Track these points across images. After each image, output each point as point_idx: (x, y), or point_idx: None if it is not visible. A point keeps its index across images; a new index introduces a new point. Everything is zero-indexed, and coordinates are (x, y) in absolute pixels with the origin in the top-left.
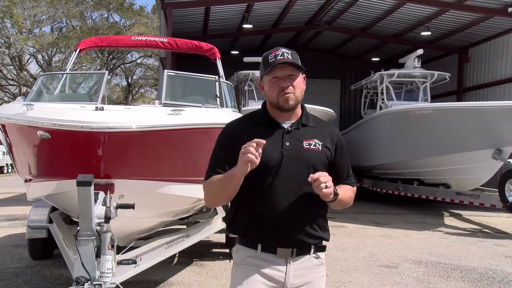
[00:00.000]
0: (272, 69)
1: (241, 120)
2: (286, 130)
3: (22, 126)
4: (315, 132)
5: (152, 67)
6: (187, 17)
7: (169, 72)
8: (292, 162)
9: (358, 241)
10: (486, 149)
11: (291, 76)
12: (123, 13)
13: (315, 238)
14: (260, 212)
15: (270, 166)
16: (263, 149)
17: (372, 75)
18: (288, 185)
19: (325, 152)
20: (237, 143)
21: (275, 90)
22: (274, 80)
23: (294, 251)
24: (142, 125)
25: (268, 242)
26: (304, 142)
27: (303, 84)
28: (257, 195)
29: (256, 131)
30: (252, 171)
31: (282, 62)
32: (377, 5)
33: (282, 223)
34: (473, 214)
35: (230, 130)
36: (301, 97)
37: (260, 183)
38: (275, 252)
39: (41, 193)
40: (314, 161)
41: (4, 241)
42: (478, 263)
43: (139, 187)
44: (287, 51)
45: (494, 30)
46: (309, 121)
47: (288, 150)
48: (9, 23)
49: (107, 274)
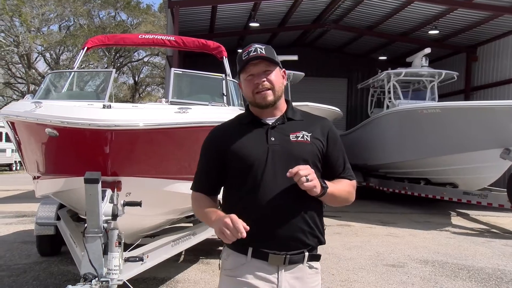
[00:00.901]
0: (246, 66)
1: (226, 124)
2: (270, 126)
3: (30, 123)
4: (302, 125)
5: (159, 65)
6: (194, 16)
7: (176, 71)
8: (280, 157)
9: (364, 240)
10: (494, 149)
11: (266, 71)
12: (130, 12)
13: (310, 237)
14: (249, 213)
15: (256, 164)
16: (248, 149)
17: (379, 74)
18: (277, 182)
19: (315, 143)
20: (221, 149)
21: (250, 88)
22: (250, 78)
23: (286, 258)
24: (149, 123)
25: (259, 246)
26: (291, 135)
27: (282, 78)
28: (245, 195)
29: (240, 133)
30: (238, 171)
31: (255, 58)
32: (384, 4)
33: (273, 225)
34: (480, 214)
35: (211, 138)
36: (281, 91)
37: (248, 183)
38: (267, 259)
39: (49, 190)
40: (304, 153)
41: (13, 238)
42: (486, 263)
43: (146, 185)
44: (261, 47)
45: (503, 29)
46: (296, 115)
47: (274, 145)
48: (17, 22)
49: (114, 271)
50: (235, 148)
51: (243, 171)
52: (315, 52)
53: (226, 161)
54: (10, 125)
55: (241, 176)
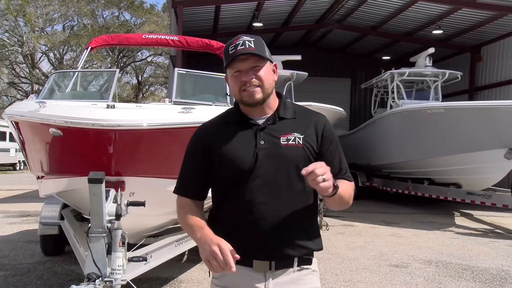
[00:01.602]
0: (233, 61)
1: (213, 121)
2: (259, 127)
3: (34, 123)
4: (295, 124)
5: (162, 65)
6: (198, 16)
7: (179, 70)
8: (269, 162)
9: (368, 241)
10: (498, 149)
11: (255, 67)
12: (133, 12)
13: (299, 248)
14: (234, 221)
15: (244, 169)
16: (235, 152)
17: (382, 73)
18: (264, 188)
19: (307, 146)
20: (207, 149)
21: (237, 85)
22: (237, 74)
23: (272, 264)
24: (153, 123)
25: (244, 254)
26: (281, 138)
27: (273, 73)
28: (231, 203)
29: (227, 133)
30: (224, 176)
31: (242, 53)
32: (388, 3)
33: (257, 231)
34: (484, 214)
35: (196, 138)
36: (271, 88)
37: (235, 190)
38: (251, 265)
39: (53, 190)
40: (294, 158)
41: (17, 237)
42: (490, 263)
43: (150, 185)
44: (249, 39)
45: (507, 28)
46: (288, 113)
47: (263, 149)
48: (22, 22)
49: (118, 271)
50: (221, 151)
51: (229, 176)
52: (319, 52)
53: (212, 163)
54: (14, 124)
55: (227, 181)
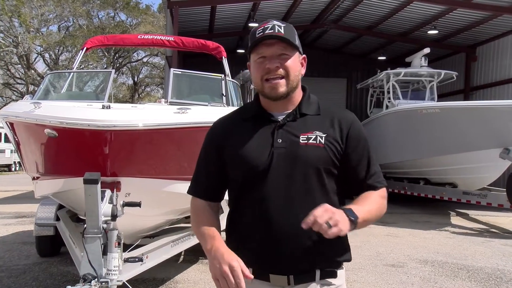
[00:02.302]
0: (258, 45)
1: (228, 117)
2: (278, 124)
3: (29, 124)
4: (317, 122)
5: (158, 65)
6: (193, 16)
7: (175, 71)
8: (285, 163)
9: (364, 240)
10: (493, 149)
11: (282, 55)
12: (129, 12)
13: (320, 259)
14: (249, 229)
15: (258, 171)
16: (249, 151)
17: (378, 74)
18: (280, 192)
19: (330, 147)
20: (219, 148)
21: (260, 72)
22: (261, 60)
23: (291, 279)
24: (149, 124)
25: (260, 266)
26: (301, 137)
27: (300, 66)
28: (245, 208)
29: (242, 130)
30: (237, 177)
31: (270, 37)
32: (384, 4)
33: (274, 241)
34: (480, 213)
35: (212, 133)
36: (297, 81)
37: (248, 193)
38: (268, 280)
39: (49, 191)
40: (315, 159)
41: (12, 238)
42: (486, 262)
43: (146, 185)
44: (280, 24)
45: (502, 29)
46: (311, 109)
47: (279, 149)
48: (17, 22)
49: (113, 271)
50: (233, 151)
51: (241, 178)
52: (315, 52)
53: (225, 162)
54: (9, 125)
55: (239, 183)
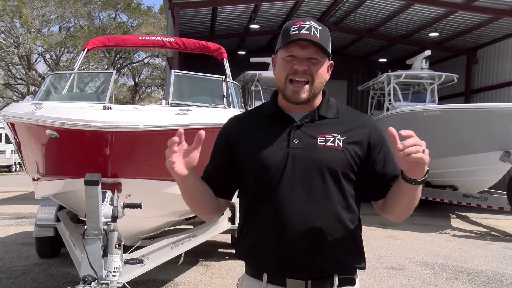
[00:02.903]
0: (290, 44)
1: (244, 115)
2: (296, 125)
3: (30, 125)
4: (336, 125)
5: (159, 67)
6: (195, 17)
7: (176, 72)
8: (301, 164)
9: (364, 243)
10: (494, 151)
11: (313, 59)
12: (130, 13)
13: (338, 264)
14: (264, 232)
15: (272, 171)
16: (264, 151)
17: (379, 76)
18: (295, 194)
19: (349, 151)
20: (230, 143)
21: (285, 71)
22: (289, 59)
23: (309, 284)
24: (150, 125)
25: (275, 271)
26: (318, 139)
27: (327, 74)
28: (260, 210)
29: (257, 129)
30: (250, 178)
31: (305, 39)
32: (385, 6)
33: (290, 245)
34: (480, 216)
35: (225, 128)
36: (320, 89)
37: (262, 195)
38: (285, 285)
39: (49, 192)
40: (332, 162)
41: (12, 239)
42: (486, 266)
43: (146, 187)
44: (317, 27)
45: (503, 31)
46: (330, 112)
47: (296, 149)
48: (18, 23)
49: (114, 273)
50: (247, 149)
51: (255, 178)
52: None
53: (238, 161)
54: (10, 126)
55: (253, 184)
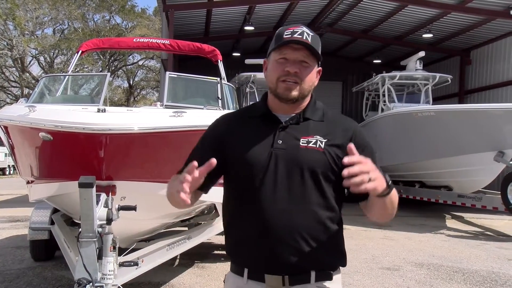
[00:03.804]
0: (284, 46)
1: (234, 114)
2: (281, 126)
3: (24, 127)
4: (320, 127)
5: (153, 69)
6: (189, 19)
7: (171, 74)
8: (283, 164)
9: (360, 243)
10: (488, 152)
11: (304, 63)
12: (124, 15)
13: (316, 261)
14: (245, 229)
15: (256, 169)
16: (249, 149)
17: (373, 77)
18: (276, 193)
19: (330, 153)
20: (218, 141)
21: (277, 72)
22: (282, 61)
23: (286, 279)
24: (144, 127)
25: (255, 267)
26: (301, 140)
27: (316, 78)
28: (243, 207)
29: (245, 128)
30: (235, 175)
31: (297, 42)
32: (379, 7)
33: (269, 242)
34: (475, 216)
35: (215, 125)
36: (308, 91)
37: (244, 191)
38: (263, 280)
39: (43, 195)
40: (313, 163)
41: (6, 243)
42: (481, 265)
43: (141, 189)
44: (309, 32)
45: (497, 32)
46: (315, 115)
47: (279, 149)
48: (11, 25)
49: (108, 275)
50: (234, 147)
51: (239, 175)
52: None
53: (224, 157)
54: (3, 129)
55: (237, 180)
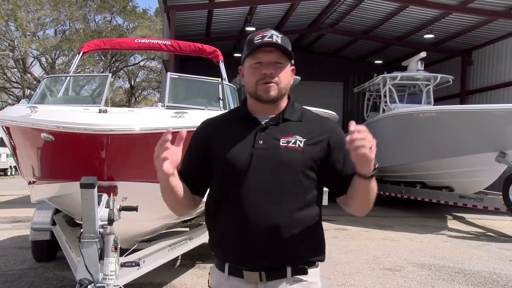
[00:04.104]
0: (256, 51)
1: (217, 117)
2: (261, 127)
3: (26, 128)
4: (298, 127)
5: (155, 69)
6: (190, 20)
7: (172, 75)
8: (264, 164)
9: (361, 244)
10: (489, 152)
11: (278, 63)
12: (126, 16)
13: (292, 256)
14: (226, 226)
15: (238, 169)
16: (231, 150)
17: (375, 77)
18: (256, 191)
19: (310, 151)
20: (204, 143)
21: (255, 77)
22: (256, 66)
23: (263, 275)
24: (145, 128)
25: (235, 262)
26: (281, 140)
27: (291, 76)
28: (224, 205)
29: (228, 130)
30: (218, 175)
31: (269, 44)
32: (380, 8)
33: (248, 238)
34: (476, 217)
35: (200, 129)
36: (286, 90)
37: (227, 191)
38: (242, 276)
39: (45, 195)
40: (293, 162)
41: (8, 243)
42: (482, 266)
43: (142, 190)
44: (278, 34)
45: (498, 33)
46: (294, 115)
47: (260, 149)
48: (13, 26)
49: (110, 276)
50: (218, 148)
51: (222, 175)
52: (311, 56)
53: (209, 159)
54: (5, 130)
55: (220, 180)
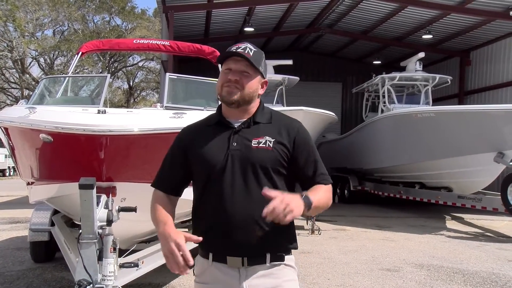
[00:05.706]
0: (228, 59)
1: (195, 124)
2: (234, 130)
3: (24, 129)
4: (268, 129)
5: (153, 70)
6: (189, 20)
7: (171, 75)
8: (239, 163)
9: (360, 245)
10: (488, 152)
11: (244, 73)
12: (124, 17)
13: (270, 245)
14: (210, 219)
15: (216, 169)
16: (209, 153)
17: (373, 78)
18: (234, 188)
19: (278, 150)
20: (186, 150)
21: (222, 80)
22: (226, 72)
23: (245, 260)
24: (144, 128)
25: (218, 251)
26: (253, 141)
27: (257, 87)
28: (207, 201)
29: (205, 135)
30: (199, 175)
31: (238, 54)
32: (378, 8)
33: (230, 230)
34: (475, 217)
35: (180, 137)
36: (249, 96)
37: (209, 188)
38: (226, 261)
39: (43, 196)
40: (264, 161)
41: (6, 244)
42: (481, 267)
43: (141, 190)
44: (251, 48)
45: (496, 33)
46: (264, 118)
47: (234, 151)
48: (11, 27)
49: (109, 277)
50: (197, 152)
51: (203, 176)
52: (310, 56)
53: (190, 162)
54: (3, 130)
55: (202, 180)
